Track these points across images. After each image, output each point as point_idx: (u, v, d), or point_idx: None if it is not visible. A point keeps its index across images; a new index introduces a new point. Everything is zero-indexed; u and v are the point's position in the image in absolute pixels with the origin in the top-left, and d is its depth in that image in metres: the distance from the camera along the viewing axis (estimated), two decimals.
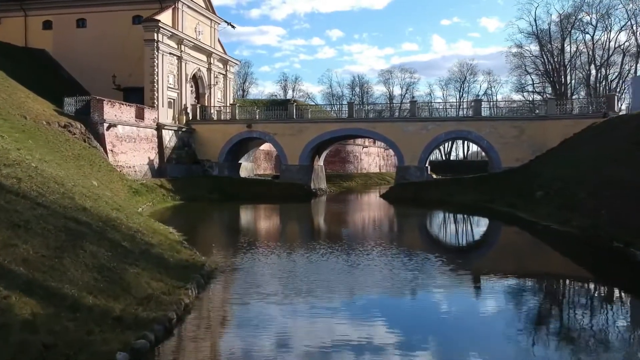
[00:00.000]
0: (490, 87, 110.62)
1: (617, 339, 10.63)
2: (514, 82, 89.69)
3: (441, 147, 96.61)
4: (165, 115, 45.73)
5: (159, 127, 44.13)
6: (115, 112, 39.02)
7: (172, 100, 47.32)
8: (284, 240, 22.95)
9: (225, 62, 56.83)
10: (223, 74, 56.73)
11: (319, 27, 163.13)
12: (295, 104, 49.69)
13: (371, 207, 41.82)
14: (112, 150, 37.87)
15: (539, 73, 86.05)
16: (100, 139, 37.11)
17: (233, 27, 58.30)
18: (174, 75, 47.61)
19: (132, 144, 40.51)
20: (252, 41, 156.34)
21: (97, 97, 38.40)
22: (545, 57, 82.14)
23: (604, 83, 79.72)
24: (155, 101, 44.60)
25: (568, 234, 22.19)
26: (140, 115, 41.88)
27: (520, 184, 35.78)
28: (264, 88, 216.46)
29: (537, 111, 48.70)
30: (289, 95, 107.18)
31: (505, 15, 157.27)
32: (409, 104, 46.26)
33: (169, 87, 46.62)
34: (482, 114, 44.88)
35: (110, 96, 41.89)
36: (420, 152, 44.90)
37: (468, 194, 39.13)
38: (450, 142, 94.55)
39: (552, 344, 10.20)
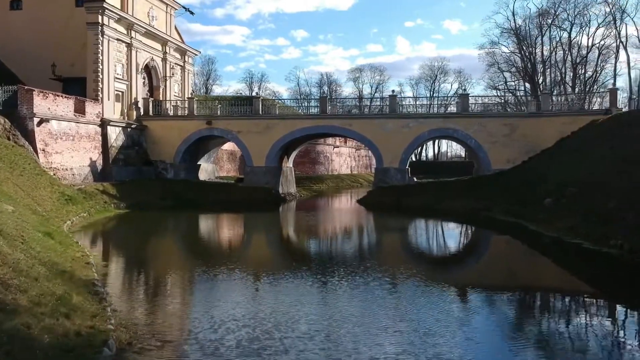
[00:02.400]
0: (461, 87, 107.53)
1: None
2: (487, 80, 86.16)
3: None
4: (112, 110, 39.85)
5: (104, 123, 38.27)
6: (49, 104, 33.07)
7: (120, 93, 41.48)
8: (245, 271, 16.61)
9: (183, 52, 51.11)
10: (180, 66, 50.99)
11: (284, 27, 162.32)
12: (262, 99, 44.34)
13: (348, 217, 36.62)
14: (44, 150, 31.97)
15: (514, 71, 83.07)
16: (30, 137, 31.17)
17: (192, 13, 52.79)
18: (123, 64, 41.76)
19: (70, 142, 34.61)
20: (216, 40, 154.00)
21: (26, 87, 32.41)
22: (522, 54, 78.91)
23: (578, 82, 76.92)
24: (100, 93, 38.70)
25: (611, 257, 17.35)
26: (80, 110, 35.98)
27: (519, 188, 31.36)
28: (229, 87, 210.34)
29: (524, 108, 44.49)
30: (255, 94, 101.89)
31: (468, 18, 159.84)
32: (388, 99, 41.40)
33: (117, 78, 40.77)
34: (470, 110, 40.42)
35: (50, 88, 35.86)
36: (401, 153, 40.17)
37: (458, 200, 34.51)
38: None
39: None
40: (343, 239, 26.13)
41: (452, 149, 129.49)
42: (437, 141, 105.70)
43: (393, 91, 41.46)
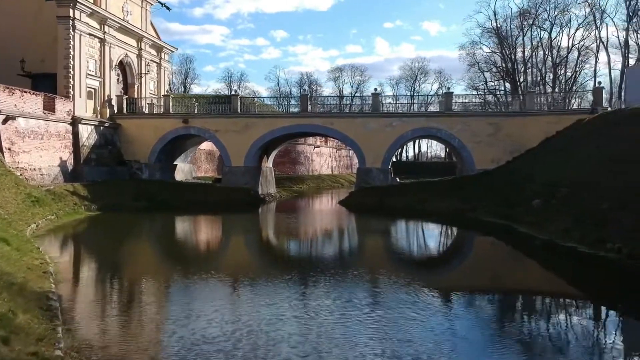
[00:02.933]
0: (442, 87, 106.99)
1: None
2: (467, 81, 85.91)
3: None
4: (84, 108, 38.24)
5: (75, 121, 36.66)
6: (15, 101, 31.42)
7: (92, 90, 39.86)
8: (221, 281, 15.42)
9: (159, 48, 49.54)
10: (156, 63, 49.42)
11: (264, 27, 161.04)
12: (240, 97, 42.99)
13: (330, 218, 35.39)
14: (9, 149, 30.33)
15: (494, 71, 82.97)
16: None
17: (168, 9, 51.06)
18: (96, 60, 40.14)
19: (39, 141, 32.98)
20: (195, 40, 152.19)
21: None
22: (503, 54, 78.70)
23: (557, 83, 76.95)
24: (71, 90, 37.06)
25: (609, 261, 16.45)
26: (50, 107, 34.36)
27: (505, 189, 30.55)
28: (208, 86, 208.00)
29: (505, 108, 43.81)
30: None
31: (447, 19, 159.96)
32: (370, 97, 40.37)
33: (89, 75, 39.16)
34: (453, 109, 39.60)
35: (19, 84, 34.14)
36: (384, 152, 39.20)
37: (443, 201, 33.62)
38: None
39: None
40: (324, 242, 25.03)
41: (432, 149, 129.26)
42: (417, 141, 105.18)
43: (375, 89, 40.47)
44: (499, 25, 78.39)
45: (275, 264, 18.73)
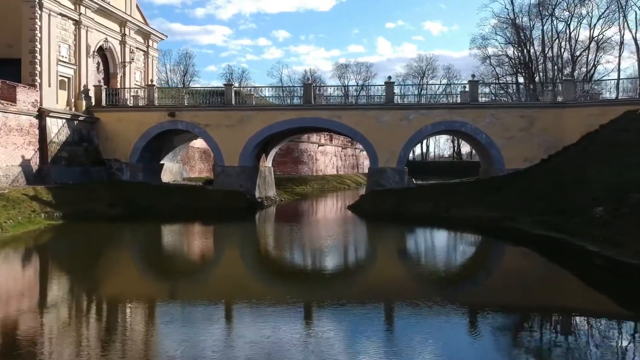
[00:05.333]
0: (450, 84, 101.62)
1: None
2: (478, 77, 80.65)
3: None
4: (54, 99, 33.17)
5: (42, 114, 31.58)
6: None
7: (66, 79, 34.81)
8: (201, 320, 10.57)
9: (146, 35, 44.45)
10: (143, 51, 44.34)
11: (265, 27, 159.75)
12: (234, 87, 37.89)
13: (339, 228, 28.85)
14: None
15: (508, 65, 78.12)
16: None
17: None
18: (70, 45, 35.06)
19: None
20: (197, 40, 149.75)
21: None
22: (520, 45, 73.57)
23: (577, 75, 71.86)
24: (37, 78, 32.01)
25: None
26: (9, 96, 29.29)
27: (550, 193, 25.40)
28: (208, 84, 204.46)
29: (541, 97, 38.60)
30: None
31: (449, 19, 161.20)
32: (384, 87, 35.15)
33: (61, 61, 34.09)
34: (480, 100, 34.47)
35: None
36: (399, 150, 34.12)
37: (471, 207, 28.44)
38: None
39: None
40: (336, 261, 19.77)
41: (439, 148, 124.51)
42: (425, 139, 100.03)
43: (389, 77, 35.30)
44: (515, 14, 73.33)
45: (275, 296, 13.57)
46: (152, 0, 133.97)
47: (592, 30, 69.60)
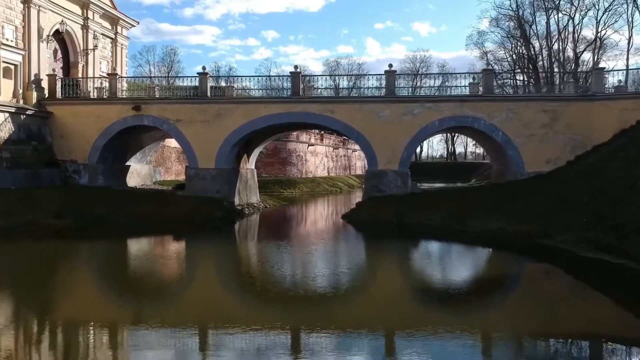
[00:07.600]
0: (444, 83, 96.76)
1: None
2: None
3: None
4: None
5: None
6: None
7: (11, 67, 29.73)
8: None
9: (114, 20, 39.32)
10: (110, 38, 39.20)
11: (254, 27, 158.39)
12: (210, 76, 32.93)
13: (332, 244, 23.71)
14: None
15: (510, 60, 73.98)
16: None
17: None
18: (16, 27, 29.99)
19: None
20: (186, 40, 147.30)
21: None
22: (523, 38, 69.21)
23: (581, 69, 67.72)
24: None
25: None
26: None
27: (592, 202, 20.75)
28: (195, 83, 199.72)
29: (565, 88, 34.04)
30: None
31: (437, 20, 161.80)
32: (384, 76, 30.33)
33: (5, 45, 29.03)
34: (495, 92, 29.80)
35: None
36: (402, 150, 29.39)
37: (490, 218, 23.71)
38: None
39: None
40: (332, 293, 14.76)
41: (432, 149, 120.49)
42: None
43: (390, 65, 30.52)
44: (517, 5, 68.99)
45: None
46: (140, 0, 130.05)
47: (597, 25, 65.62)
